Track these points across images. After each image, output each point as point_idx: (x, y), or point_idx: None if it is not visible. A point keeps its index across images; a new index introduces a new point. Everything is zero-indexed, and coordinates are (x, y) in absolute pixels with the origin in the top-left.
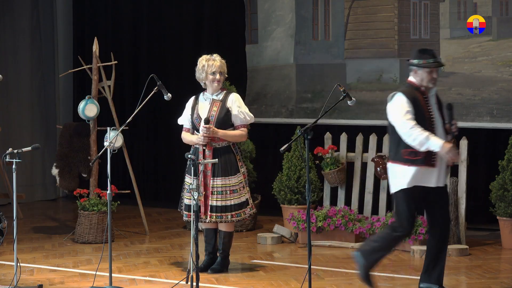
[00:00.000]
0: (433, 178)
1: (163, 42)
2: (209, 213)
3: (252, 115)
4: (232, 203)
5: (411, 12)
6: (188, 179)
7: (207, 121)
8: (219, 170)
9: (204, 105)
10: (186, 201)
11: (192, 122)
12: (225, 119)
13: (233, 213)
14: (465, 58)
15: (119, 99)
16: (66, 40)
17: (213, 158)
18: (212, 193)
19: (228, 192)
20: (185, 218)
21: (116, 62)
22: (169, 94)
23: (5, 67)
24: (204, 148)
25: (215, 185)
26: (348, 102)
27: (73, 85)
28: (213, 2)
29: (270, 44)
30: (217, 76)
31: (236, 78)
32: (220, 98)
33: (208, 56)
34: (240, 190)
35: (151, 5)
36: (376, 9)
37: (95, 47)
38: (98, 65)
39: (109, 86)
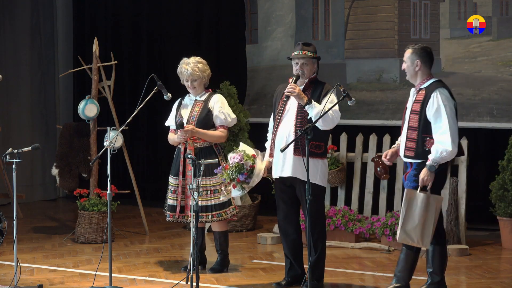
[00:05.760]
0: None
1: (163, 42)
2: (189, 213)
3: (234, 116)
4: (213, 203)
5: (411, 12)
6: (172, 180)
7: (181, 125)
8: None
9: (187, 106)
10: (169, 201)
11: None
12: (206, 120)
13: (214, 213)
14: (465, 58)
15: (119, 99)
16: (66, 40)
17: None
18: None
19: (209, 192)
20: (168, 218)
21: (116, 62)
22: (169, 94)
23: (5, 67)
24: (186, 147)
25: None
26: (348, 102)
27: (73, 85)
28: (213, 2)
29: (270, 44)
30: (189, 84)
31: (236, 78)
32: (203, 99)
33: (184, 61)
34: (220, 191)
35: (151, 5)
36: (376, 9)
37: (95, 47)
38: (98, 65)
39: (109, 86)
